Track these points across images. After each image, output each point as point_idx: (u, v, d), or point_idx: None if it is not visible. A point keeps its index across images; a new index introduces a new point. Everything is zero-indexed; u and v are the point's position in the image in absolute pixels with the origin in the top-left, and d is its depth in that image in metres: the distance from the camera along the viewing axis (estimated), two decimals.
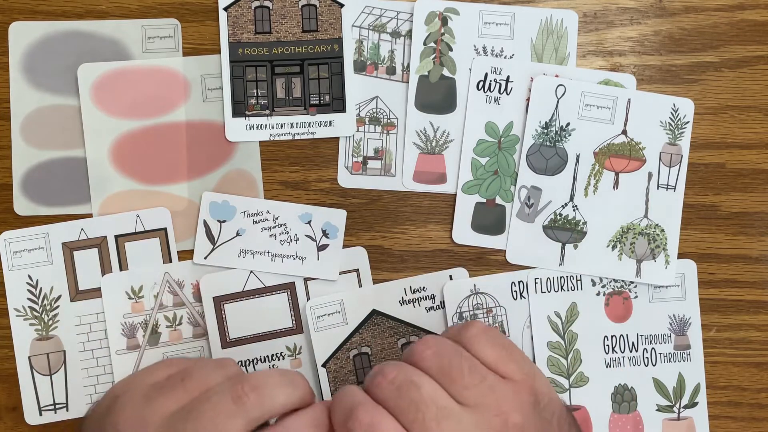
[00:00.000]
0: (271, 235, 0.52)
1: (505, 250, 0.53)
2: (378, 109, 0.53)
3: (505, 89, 0.52)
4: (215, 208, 0.52)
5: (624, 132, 0.52)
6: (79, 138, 0.52)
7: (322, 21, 0.52)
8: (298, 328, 0.53)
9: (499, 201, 0.53)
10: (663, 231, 0.52)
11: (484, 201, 0.53)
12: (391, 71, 0.52)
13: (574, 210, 0.52)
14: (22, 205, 0.52)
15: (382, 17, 0.52)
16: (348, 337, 0.52)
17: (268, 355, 0.52)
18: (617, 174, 0.52)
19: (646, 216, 0.52)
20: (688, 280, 0.53)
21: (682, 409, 0.53)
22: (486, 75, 0.52)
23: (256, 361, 0.52)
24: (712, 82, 0.53)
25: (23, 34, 0.51)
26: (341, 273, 0.53)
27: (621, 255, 0.52)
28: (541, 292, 0.53)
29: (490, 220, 0.53)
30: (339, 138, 0.53)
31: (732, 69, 0.53)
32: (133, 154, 0.52)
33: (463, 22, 0.52)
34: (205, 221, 0.52)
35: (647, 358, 0.53)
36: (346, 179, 0.53)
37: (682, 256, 0.53)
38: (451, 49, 0.52)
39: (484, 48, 0.52)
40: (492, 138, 0.52)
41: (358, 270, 0.53)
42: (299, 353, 0.53)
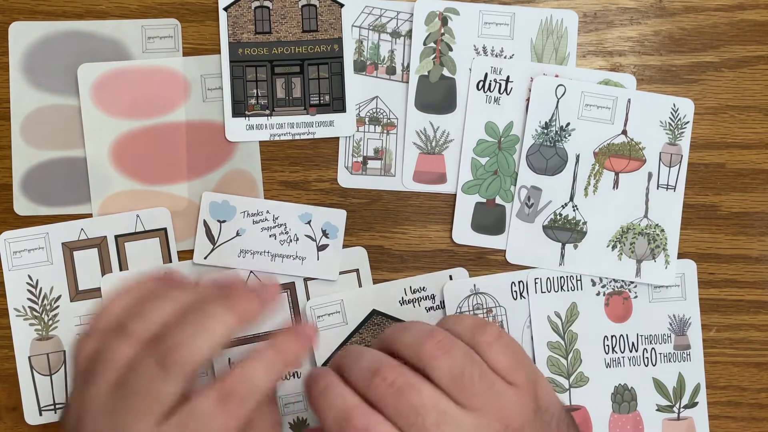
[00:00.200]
0: (271, 235, 0.52)
1: (505, 250, 0.53)
2: (378, 109, 0.53)
3: (505, 89, 0.52)
4: (215, 208, 0.52)
5: (624, 132, 0.52)
6: (79, 138, 0.52)
7: (322, 21, 0.52)
8: None
9: (499, 201, 0.53)
10: (663, 231, 0.52)
11: (484, 201, 0.53)
12: (391, 71, 0.52)
13: (574, 210, 0.52)
14: (22, 205, 0.52)
15: (382, 17, 0.52)
16: (348, 337, 0.52)
17: None
18: (617, 174, 0.52)
19: (646, 216, 0.52)
20: (688, 280, 0.53)
21: (682, 409, 0.53)
22: (486, 75, 0.52)
23: None
24: (712, 82, 0.53)
25: (23, 34, 0.51)
26: (341, 273, 0.53)
27: (621, 255, 0.52)
28: (541, 292, 0.53)
29: (490, 220, 0.53)
30: (339, 138, 0.53)
31: (732, 69, 0.53)
32: (133, 154, 0.52)
33: (463, 22, 0.52)
34: (205, 221, 0.52)
35: (647, 358, 0.53)
36: (346, 179, 0.53)
37: (682, 256, 0.53)
38: (451, 49, 0.52)
39: (484, 48, 0.52)
40: (492, 138, 0.52)
41: (358, 270, 0.53)
42: None
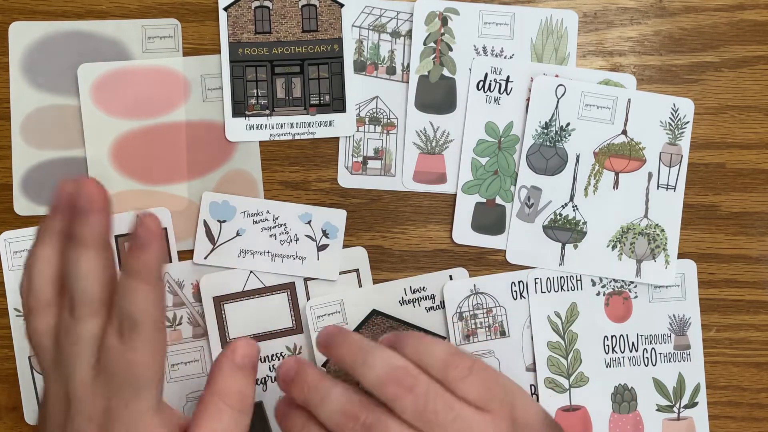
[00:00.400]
0: (271, 235, 0.52)
1: (505, 250, 0.53)
2: (378, 109, 0.53)
3: (505, 89, 0.52)
4: (215, 208, 0.52)
5: (624, 132, 0.52)
6: (79, 138, 0.52)
7: (322, 21, 0.52)
8: (298, 328, 0.53)
9: (499, 201, 0.53)
10: (663, 231, 0.52)
11: (484, 201, 0.53)
12: (391, 71, 0.52)
13: (574, 210, 0.52)
14: (22, 205, 0.52)
15: (382, 17, 0.52)
16: None
17: (268, 356, 0.52)
18: (617, 174, 0.52)
19: (646, 216, 0.52)
20: (688, 280, 0.53)
21: (682, 409, 0.53)
22: (486, 75, 0.52)
23: None
24: (712, 82, 0.53)
25: (23, 34, 0.51)
26: (341, 273, 0.53)
27: (621, 255, 0.52)
28: (541, 292, 0.53)
29: (490, 220, 0.53)
30: (339, 138, 0.53)
31: (732, 69, 0.53)
32: (133, 154, 0.52)
33: (463, 22, 0.52)
34: (205, 221, 0.52)
35: (647, 358, 0.53)
36: (346, 179, 0.53)
37: (682, 256, 0.53)
38: (451, 49, 0.52)
39: (484, 48, 0.52)
40: (492, 138, 0.52)
41: (358, 270, 0.53)
42: (299, 353, 0.53)
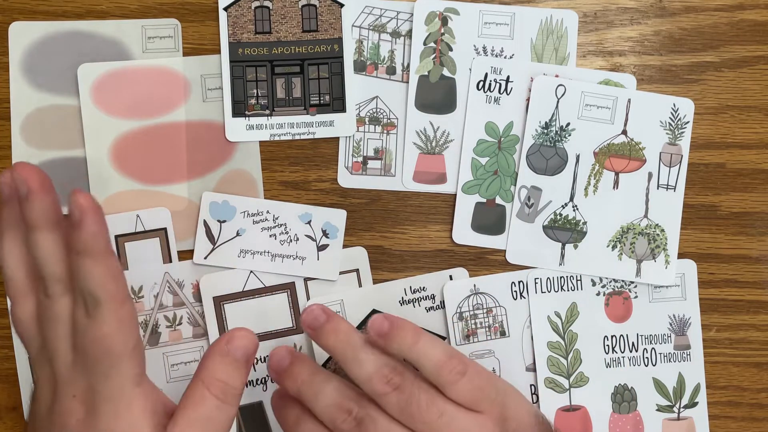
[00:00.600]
0: (271, 235, 0.52)
1: (505, 250, 0.53)
2: (378, 109, 0.53)
3: (505, 89, 0.52)
4: (215, 208, 0.52)
5: (624, 132, 0.52)
6: (79, 138, 0.52)
7: (322, 21, 0.52)
8: (298, 328, 0.53)
9: (499, 201, 0.53)
10: (663, 231, 0.52)
11: (484, 201, 0.53)
12: (391, 71, 0.52)
13: (574, 210, 0.52)
14: None
15: (382, 17, 0.52)
16: None
17: (268, 355, 0.52)
18: (617, 174, 0.52)
19: (646, 216, 0.52)
20: (688, 280, 0.53)
21: (682, 409, 0.53)
22: (486, 75, 0.52)
23: (256, 361, 0.52)
24: (712, 82, 0.53)
25: (23, 34, 0.51)
26: (341, 273, 0.53)
27: (621, 255, 0.52)
28: (541, 292, 0.53)
29: (490, 220, 0.53)
30: (339, 138, 0.53)
31: (732, 69, 0.53)
32: (133, 154, 0.52)
33: (463, 22, 0.52)
34: (205, 221, 0.52)
35: (647, 358, 0.53)
36: (346, 179, 0.53)
37: (682, 256, 0.53)
38: (451, 49, 0.52)
39: (484, 48, 0.52)
40: (492, 138, 0.52)
41: (358, 270, 0.53)
42: None
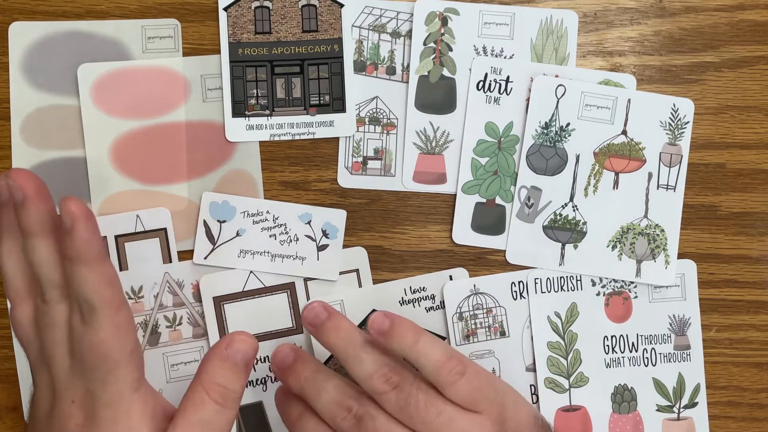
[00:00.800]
0: (271, 235, 0.52)
1: (505, 250, 0.53)
2: (378, 109, 0.53)
3: (505, 89, 0.52)
4: (215, 208, 0.52)
5: (624, 132, 0.52)
6: (79, 138, 0.52)
7: (322, 21, 0.52)
8: (298, 328, 0.53)
9: (499, 201, 0.53)
10: (663, 231, 0.52)
11: (484, 201, 0.53)
12: (391, 71, 0.52)
13: (574, 210, 0.52)
14: None
15: (382, 17, 0.52)
16: None
17: (268, 356, 0.52)
18: (617, 174, 0.52)
19: (646, 216, 0.52)
20: (688, 280, 0.53)
21: (682, 409, 0.53)
22: (486, 75, 0.52)
23: (256, 361, 0.52)
24: (712, 82, 0.53)
25: (23, 34, 0.51)
26: (341, 273, 0.53)
27: (621, 255, 0.52)
28: (541, 292, 0.53)
29: (490, 220, 0.53)
30: (339, 138, 0.53)
31: (732, 69, 0.53)
32: (133, 154, 0.52)
33: (463, 22, 0.52)
34: (205, 221, 0.52)
35: (647, 358, 0.53)
36: (346, 179, 0.53)
37: (682, 256, 0.53)
38: (451, 49, 0.52)
39: (484, 48, 0.52)
40: (492, 138, 0.52)
41: (358, 270, 0.53)
42: None
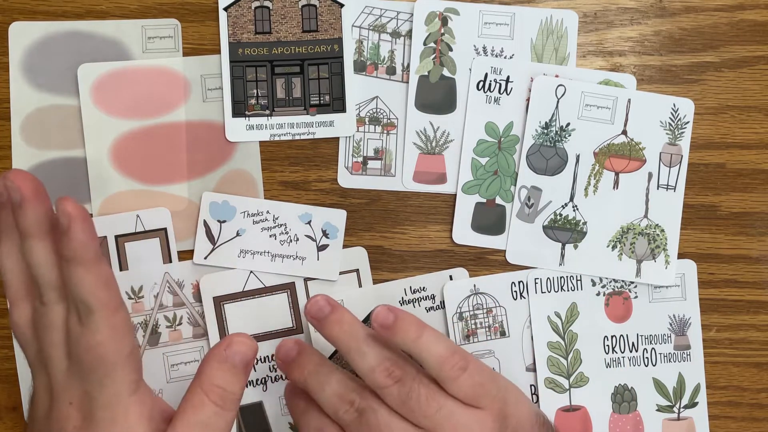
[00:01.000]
0: (271, 235, 0.52)
1: (505, 250, 0.53)
2: (378, 109, 0.53)
3: (505, 89, 0.52)
4: (215, 208, 0.52)
5: (624, 132, 0.52)
6: (79, 138, 0.52)
7: (322, 21, 0.52)
8: (298, 328, 0.53)
9: (499, 201, 0.53)
10: (663, 231, 0.52)
11: (484, 201, 0.53)
12: (391, 71, 0.52)
13: (574, 210, 0.52)
14: None
15: (382, 17, 0.52)
16: None
17: (268, 356, 0.52)
18: (617, 174, 0.52)
19: (646, 216, 0.52)
20: (688, 280, 0.53)
21: (682, 409, 0.53)
22: (486, 75, 0.52)
23: (256, 361, 0.52)
24: (712, 82, 0.53)
25: (23, 34, 0.51)
26: (341, 273, 0.53)
27: (621, 255, 0.52)
28: (541, 292, 0.53)
29: (490, 220, 0.53)
30: (339, 138, 0.53)
31: (732, 69, 0.53)
32: (133, 154, 0.52)
33: (463, 22, 0.52)
34: (205, 221, 0.52)
35: (647, 358, 0.53)
36: (346, 179, 0.53)
37: (682, 256, 0.53)
38: (451, 49, 0.52)
39: (484, 48, 0.52)
40: (492, 138, 0.52)
41: (358, 270, 0.53)
42: None
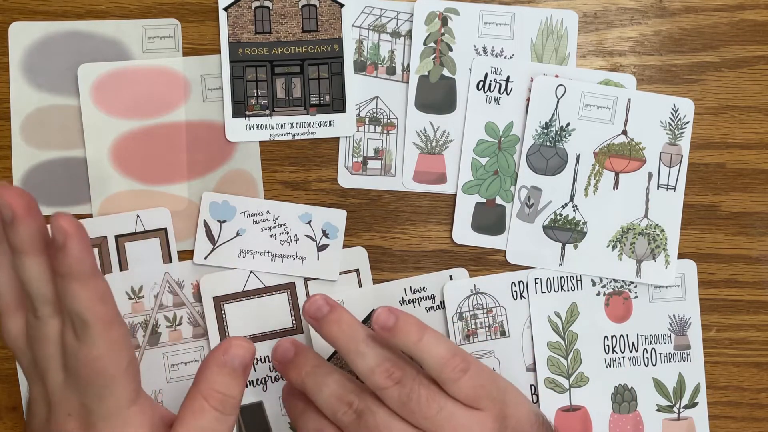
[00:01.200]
0: (271, 235, 0.52)
1: (505, 250, 0.53)
2: (378, 109, 0.53)
3: (505, 89, 0.52)
4: (215, 208, 0.52)
5: (624, 132, 0.52)
6: (79, 138, 0.52)
7: (322, 21, 0.52)
8: (298, 328, 0.53)
9: (499, 201, 0.53)
10: (663, 231, 0.52)
11: (484, 201, 0.53)
12: (391, 71, 0.52)
13: (574, 210, 0.52)
14: None
15: (382, 17, 0.52)
16: None
17: (268, 356, 0.52)
18: (617, 174, 0.52)
19: (646, 216, 0.52)
20: (688, 280, 0.53)
21: (682, 409, 0.53)
22: (486, 75, 0.52)
23: (256, 361, 0.52)
24: (712, 82, 0.53)
25: (23, 34, 0.51)
26: (341, 273, 0.53)
27: (621, 255, 0.52)
28: (541, 292, 0.53)
29: (490, 220, 0.53)
30: (339, 138, 0.53)
31: (732, 69, 0.53)
32: (133, 154, 0.52)
33: (463, 22, 0.52)
34: (205, 221, 0.52)
35: (647, 358, 0.53)
36: (346, 179, 0.53)
37: (682, 256, 0.53)
38: (451, 49, 0.52)
39: (484, 48, 0.52)
40: (492, 138, 0.52)
41: (358, 270, 0.53)
42: None
